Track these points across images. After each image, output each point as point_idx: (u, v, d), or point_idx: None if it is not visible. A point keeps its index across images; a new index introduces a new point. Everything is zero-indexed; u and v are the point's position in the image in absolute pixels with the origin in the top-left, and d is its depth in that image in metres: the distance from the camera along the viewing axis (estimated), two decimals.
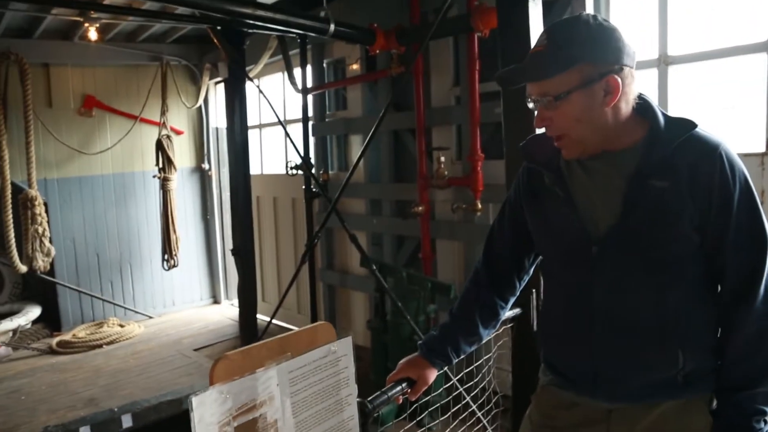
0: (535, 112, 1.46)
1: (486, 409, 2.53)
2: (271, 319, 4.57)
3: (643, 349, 1.42)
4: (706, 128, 1.39)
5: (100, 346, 6.03)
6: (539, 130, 1.51)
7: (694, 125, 1.37)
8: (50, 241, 5.92)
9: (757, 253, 1.35)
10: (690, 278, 1.40)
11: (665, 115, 1.42)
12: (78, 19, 5.49)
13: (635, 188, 1.37)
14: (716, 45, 3.03)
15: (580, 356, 1.51)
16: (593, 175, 1.46)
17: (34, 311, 6.36)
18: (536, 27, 2.46)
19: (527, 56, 1.44)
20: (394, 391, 1.71)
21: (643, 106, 1.42)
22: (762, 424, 1.35)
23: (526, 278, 1.78)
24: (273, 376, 1.37)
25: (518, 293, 1.80)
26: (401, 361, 1.78)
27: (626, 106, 1.40)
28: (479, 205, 3.86)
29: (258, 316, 5.59)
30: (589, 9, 3.29)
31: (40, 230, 5.83)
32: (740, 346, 1.38)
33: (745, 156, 2.84)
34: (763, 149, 2.80)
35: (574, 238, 1.47)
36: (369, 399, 1.65)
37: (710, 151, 1.34)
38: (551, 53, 1.37)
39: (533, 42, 2.43)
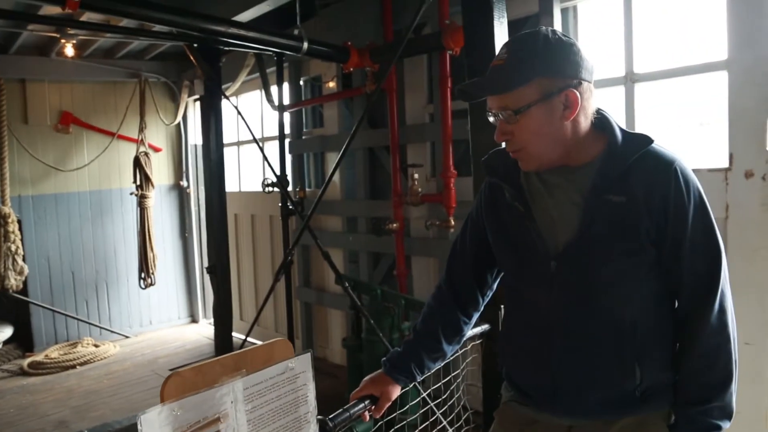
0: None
1: (456, 426, 2.52)
2: (246, 337, 4.53)
3: (601, 365, 1.43)
4: (661, 144, 1.42)
5: (74, 366, 5.92)
6: (503, 144, 1.51)
7: (650, 141, 1.39)
8: (23, 260, 5.85)
9: (711, 268, 1.37)
10: (647, 293, 1.42)
11: (623, 131, 1.43)
12: (55, 35, 5.49)
13: (592, 203, 1.39)
14: (680, 63, 3.10)
15: (539, 372, 1.51)
16: (553, 190, 1.47)
17: (6, 331, 6.23)
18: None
19: (488, 69, 1.44)
20: (355, 408, 1.70)
21: (601, 121, 1.44)
22: None
23: (490, 293, 1.78)
24: (227, 393, 1.35)
25: (482, 308, 1.80)
26: (365, 379, 1.77)
27: (585, 121, 1.41)
28: (452, 222, 3.88)
29: (235, 335, 5.53)
30: (557, 28, 3.34)
31: (13, 248, 5.75)
32: (695, 361, 1.39)
33: (709, 171, 2.90)
34: (726, 165, 2.86)
35: (533, 253, 1.48)
36: (330, 417, 1.63)
37: (665, 167, 1.36)
38: (511, 67, 1.37)
39: None
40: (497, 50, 2.43)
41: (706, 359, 1.37)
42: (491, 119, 1.47)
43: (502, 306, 2.40)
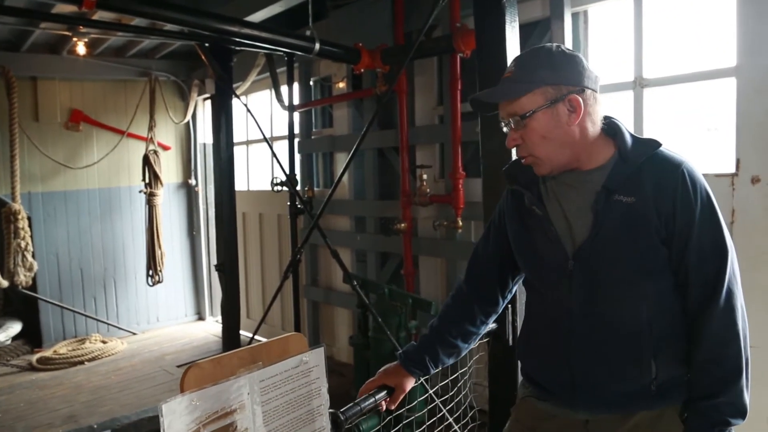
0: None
1: (462, 423, 2.55)
2: (254, 335, 4.57)
3: (619, 360, 1.49)
4: (670, 148, 1.48)
5: (82, 362, 5.97)
6: (513, 151, 1.59)
7: (658, 144, 1.46)
8: (33, 256, 5.88)
9: (718, 266, 1.42)
10: (659, 290, 1.46)
11: (632, 136, 1.51)
12: (67, 33, 5.54)
13: (603, 204, 1.45)
14: (689, 69, 3.12)
15: (559, 368, 1.56)
16: (567, 193, 1.54)
17: (15, 327, 6.30)
18: (513, 50, 2.51)
19: (500, 82, 1.55)
20: (367, 402, 1.74)
21: (611, 127, 1.52)
22: None
23: (510, 296, 1.85)
24: (244, 385, 1.39)
25: (501, 310, 1.86)
26: (379, 370, 1.83)
27: (593, 127, 1.49)
28: (460, 223, 3.91)
29: (242, 332, 5.57)
30: (567, 32, 3.37)
31: (23, 244, 5.80)
32: (704, 356, 1.43)
33: (716, 177, 2.92)
34: (733, 170, 2.88)
35: (552, 254, 1.54)
36: (342, 410, 1.67)
37: (673, 168, 1.42)
38: (517, 77, 1.49)
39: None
40: (508, 55, 2.50)
41: (713, 355, 1.42)
42: (504, 129, 1.55)
43: (510, 306, 2.43)
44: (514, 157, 2.42)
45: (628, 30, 3.28)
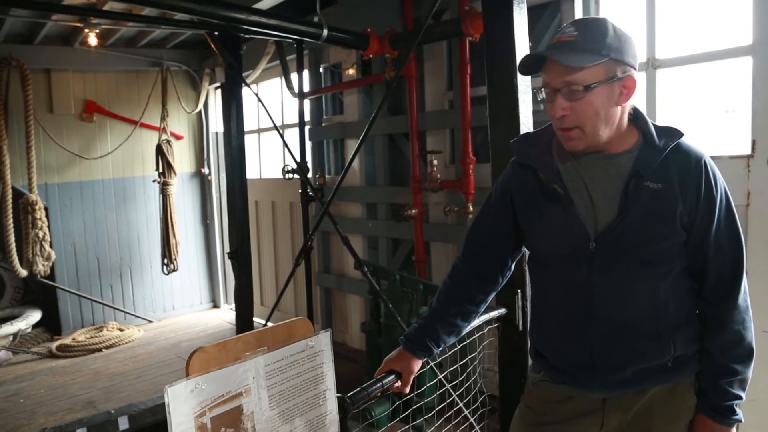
0: (542, 105, 1.52)
1: (472, 407, 2.55)
2: (267, 321, 4.61)
3: (640, 339, 1.51)
4: (688, 138, 1.51)
5: (100, 350, 6.07)
6: (554, 121, 1.49)
7: (681, 134, 1.49)
8: (50, 246, 5.96)
9: (737, 254, 1.49)
10: (676, 271, 1.51)
11: (653, 124, 1.52)
12: (78, 25, 5.57)
13: (633, 189, 1.46)
14: (704, 48, 3.06)
15: (578, 350, 1.57)
16: (593, 174, 1.52)
17: (35, 315, 6.40)
18: (521, 33, 2.48)
19: (550, 45, 1.47)
20: (374, 387, 1.74)
21: (635, 113, 1.53)
22: (738, 407, 1.53)
23: (509, 274, 1.82)
24: (249, 369, 1.40)
25: (500, 288, 1.84)
26: (385, 358, 1.83)
27: (628, 110, 1.50)
28: (471, 208, 3.89)
29: (255, 319, 5.62)
30: (578, 14, 3.32)
31: (41, 234, 5.87)
32: (726, 337, 1.50)
33: (731, 158, 2.87)
34: (749, 152, 2.82)
35: (573, 235, 1.52)
36: (349, 395, 1.68)
37: (697, 160, 1.47)
38: (583, 44, 1.42)
39: (518, 48, 2.48)
40: (516, 38, 2.46)
41: (735, 336, 1.50)
42: (541, 96, 1.48)
43: (519, 291, 2.42)
44: (523, 130, 2.42)
45: (640, 9, 3.22)
